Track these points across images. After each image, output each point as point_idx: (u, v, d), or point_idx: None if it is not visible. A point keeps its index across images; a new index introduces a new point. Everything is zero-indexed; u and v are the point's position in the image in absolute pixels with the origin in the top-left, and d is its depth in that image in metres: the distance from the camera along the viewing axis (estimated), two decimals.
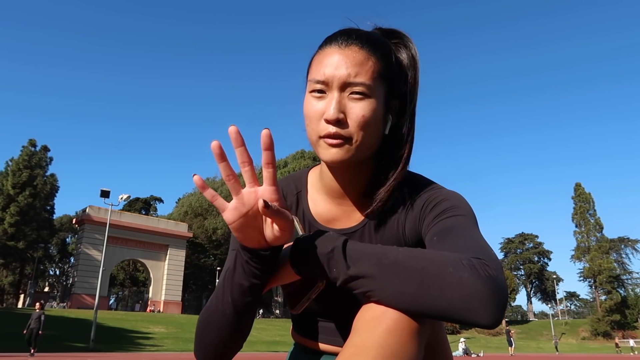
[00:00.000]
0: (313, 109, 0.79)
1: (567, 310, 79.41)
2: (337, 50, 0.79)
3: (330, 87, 0.78)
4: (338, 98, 0.77)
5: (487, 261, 0.63)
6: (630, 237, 62.54)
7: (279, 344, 27.33)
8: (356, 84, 0.77)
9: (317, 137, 0.79)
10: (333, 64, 0.78)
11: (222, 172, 0.67)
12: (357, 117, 0.76)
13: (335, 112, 0.76)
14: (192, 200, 52.55)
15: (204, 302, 55.43)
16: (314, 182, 0.94)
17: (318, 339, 0.94)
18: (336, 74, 0.77)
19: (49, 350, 16.16)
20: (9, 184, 39.73)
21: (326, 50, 0.80)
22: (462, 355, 26.14)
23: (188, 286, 50.11)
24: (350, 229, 0.88)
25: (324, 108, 0.77)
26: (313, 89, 0.79)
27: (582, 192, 60.99)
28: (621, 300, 54.77)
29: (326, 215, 0.90)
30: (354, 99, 0.77)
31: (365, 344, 0.62)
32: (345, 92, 0.77)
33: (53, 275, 59.67)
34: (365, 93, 0.77)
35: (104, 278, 33.55)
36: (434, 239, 0.75)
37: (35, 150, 42.48)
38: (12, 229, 38.90)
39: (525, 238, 72.25)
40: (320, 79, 0.78)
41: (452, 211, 0.79)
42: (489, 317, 0.58)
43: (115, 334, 23.96)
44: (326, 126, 0.77)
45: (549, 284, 67.72)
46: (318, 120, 0.78)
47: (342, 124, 0.76)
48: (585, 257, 59.06)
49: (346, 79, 0.77)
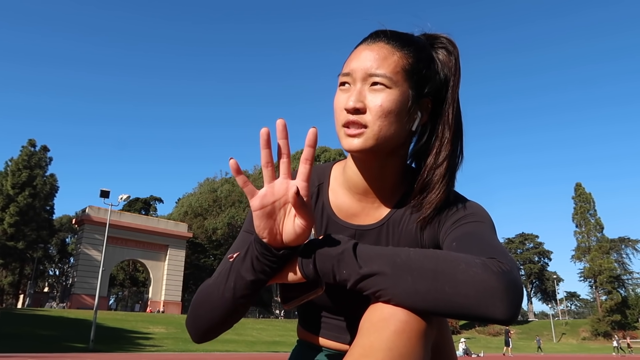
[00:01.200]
0: (337, 101, 0.82)
1: (568, 311, 79.40)
2: (364, 47, 0.83)
3: (354, 79, 0.81)
4: (359, 89, 0.80)
5: (501, 259, 0.64)
6: (630, 237, 62.51)
7: (279, 344, 27.29)
8: (377, 74, 0.79)
9: (339, 127, 0.81)
10: (359, 59, 0.81)
11: (263, 159, 0.68)
12: (375, 106, 0.78)
13: (354, 101, 0.78)
14: (192, 201, 52.50)
15: None
16: (337, 176, 0.93)
17: (324, 336, 0.93)
18: (359, 66, 0.80)
19: (48, 350, 16.12)
20: (9, 184, 39.68)
21: (356, 50, 0.84)
22: (462, 355, 26.11)
23: (188, 286, 50.04)
24: (369, 225, 0.89)
25: (347, 99, 0.80)
26: (340, 82, 0.83)
27: (583, 192, 60.97)
28: (622, 300, 54.74)
29: (346, 210, 0.90)
30: (375, 90, 0.79)
31: (373, 345, 0.62)
32: (366, 83, 0.80)
33: (53, 276, 59.63)
34: (385, 84, 0.79)
35: (103, 278, 33.49)
36: (453, 244, 0.76)
37: (34, 151, 42.43)
38: (11, 229, 38.84)
39: (526, 238, 72.23)
40: (344, 72, 0.82)
41: (471, 217, 0.81)
42: (504, 311, 0.59)
43: (115, 334, 23.93)
44: (346, 115, 0.79)
45: (550, 284, 67.71)
46: (341, 111, 0.81)
47: (361, 112, 0.79)
48: (585, 257, 59.02)
49: (368, 70, 0.80)
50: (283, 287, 0.75)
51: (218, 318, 0.77)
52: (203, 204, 51.39)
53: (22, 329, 22.08)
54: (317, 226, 0.91)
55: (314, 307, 0.94)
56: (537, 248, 71.03)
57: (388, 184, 0.87)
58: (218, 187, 52.28)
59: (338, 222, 0.90)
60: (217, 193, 51.17)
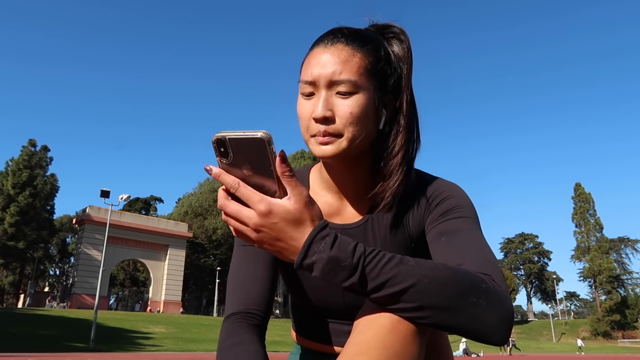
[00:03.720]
0: (303, 110, 0.81)
1: (567, 310, 79.43)
2: (323, 49, 0.80)
3: (318, 87, 0.79)
4: (325, 96, 0.78)
5: (496, 277, 0.67)
6: (630, 237, 62.67)
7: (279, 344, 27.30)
8: (342, 81, 0.77)
9: (308, 136, 0.80)
10: (319, 64, 0.79)
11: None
12: (344, 114, 0.77)
13: (322, 110, 0.77)
14: (192, 200, 52.51)
15: (204, 302, 55.46)
16: (315, 178, 0.95)
17: (320, 340, 0.94)
18: (322, 73, 0.78)
19: (49, 350, 16.15)
20: (9, 184, 39.70)
21: (313, 52, 0.81)
22: (462, 355, 26.14)
23: (188, 286, 50.09)
24: (353, 224, 0.89)
25: (313, 108, 0.79)
26: (303, 91, 0.81)
27: (582, 192, 60.99)
28: (621, 300, 54.79)
29: (327, 210, 0.91)
30: (341, 96, 0.78)
31: (368, 343, 0.62)
32: (332, 90, 0.78)
33: (53, 275, 59.64)
34: (352, 89, 0.77)
35: (104, 278, 33.56)
36: (442, 239, 0.77)
37: (35, 150, 42.45)
38: (12, 229, 38.88)
39: (525, 238, 72.24)
40: (308, 80, 0.79)
41: (458, 211, 0.81)
42: (499, 338, 0.63)
43: (115, 334, 23.94)
44: (316, 125, 0.78)
45: (549, 284, 67.71)
46: (308, 120, 0.79)
47: (330, 121, 0.77)
48: (585, 257, 59.06)
49: (331, 77, 0.77)
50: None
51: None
52: (203, 204, 51.39)
53: (23, 328, 22.08)
54: None
55: (309, 311, 0.94)
56: (536, 248, 71.04)
57: (362, 181, 0.88)
58: (218, 187, 52.01)
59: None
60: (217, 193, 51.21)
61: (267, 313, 0.86)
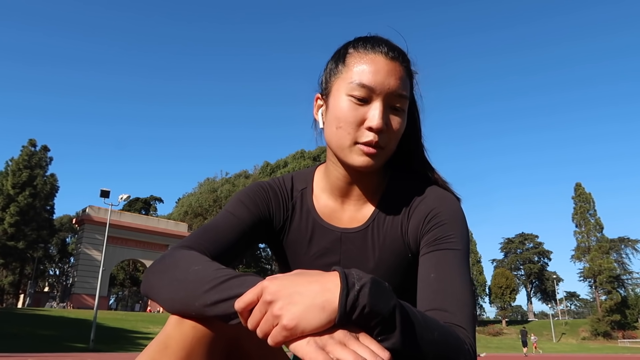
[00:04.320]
0: (353, 114, 0.79)
1: (567, 310, 79.38)
2: (384, 59, 0.80)
3: (376, 95, 0.78)
4: (382, 108, 0.79)
5: (471, 334, 0.70)
6: (630, 237, 62.45)
7: None
8: (401, 97, 0.80)
9: (352, 142, 0.80)
10: (381, 72, 0.78)
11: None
12: (396, 129, 0.81)
13: (383, 122, 0.78)
14: (192, 200, 52.49)
15: None
16: (319, 180, 0.95)
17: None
18: (386, 84, 0.78)
19: (48, 350, 16.14)
20: (9, 184, 39.68)
21: (371, 56, 0.80)
22: None
23: None
24: (354, 229, 0.90)
25: (365, 115, 0.79)
26: (355, 93, 0.79)
27: (583, 192, 60.96)
28: (621, 300, 54.74)
29: (330, 213, 0.92)
30: (396, 111, 0.81)
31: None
32: (388, 102, 0.80)
33: (53, 275, 59.64)
34: (404, 107, 0.82)
35: (103, 278, 33.53)
36: (432, 276, 0.77)
37: (35, 150, 42.43)
38: (12, 229, 38.85)
39: (525, 238, 72.20)
40: (368, 85, 0.78)
41: (450, 242, 0.81)
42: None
43: (115, 334, 23.94)
44: (368, 134, 0.78)
45: (549, 284, 67.68)
46: (357, 126, 0.79)
47: (382, 133, 0.79)
48: (585, 257, 59.02)
49: (394, 91, 0.79)
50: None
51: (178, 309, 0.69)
52: (203, 204, 51.39)
53: (23, 328, 22.07)
54: (302, 230, 0.93)
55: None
56: (537, 248, 71.00)
57: (367, 187, 0.90)
58: (218, 187, 52.26)
59: (324, 226, 0.92)
60: (217, 193, 51.13)
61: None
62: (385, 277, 0.82)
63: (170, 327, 0.68)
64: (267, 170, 51.58)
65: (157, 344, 0.66)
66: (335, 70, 0.84)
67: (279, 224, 0.94)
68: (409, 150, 0.93)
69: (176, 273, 0.69)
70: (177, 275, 0.69)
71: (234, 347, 0.71)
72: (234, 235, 0.85)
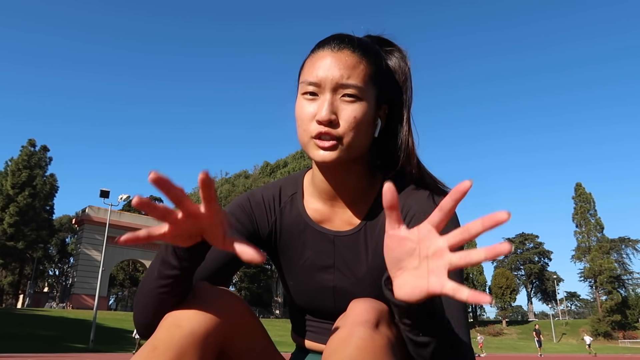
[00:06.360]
0: (305, 111, 0.81)
1: (568, 311, 79.28)
2: (329, 53, 0.81)
3: (323, 89, 0.79)
4: (330, 99, 0.79)
5: (465, 336, 0.76)
6: (630, 237, 62.36)
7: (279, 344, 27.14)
8: (348, 85, 0.79)
9: (308, 138, 0.80)
10: (325, 66, 0.80)
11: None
12: (348, 118, 0.78)
13: (328, 112, 0.77)
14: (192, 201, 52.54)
15: None
16: (308, 185, 0.95)
17: (315, 339, 0.95)
18: (329, 76, 0.79)
19: (48, 350, 16.10)
20: (9, 184, 39.62)
21: (319, 54, 0.82)
22: None
23: None
24: (346, 232, 0.91)
25: (316, 109, 0.79)
26: (305, 91, 0.81)
27: (583, 192, 60.92)
28: (622, 300, 54.71)
29: (320, 217, 0.92)
30: (346, 101, 0.79)
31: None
32: (337, 94, 0.79)
33: (52, 276, 59.54)
34: (357, 95, 0.79)
35: (103, 278, 33.46)
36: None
37: (34, 151, 42.37)
38: (11, 229, 38.78)
39: (526, 238, 72.15)
40: (312, 81, 0.80)
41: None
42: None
43: (114, 335, 23.92)
44: (318, 127, 0.79)
45: (550, 284, 67.64)
46: (310, 122, 0.80)
47: (334, 125, 0.78)
48: (585, 257, 58.99)
49: (339, 80, 0.79)
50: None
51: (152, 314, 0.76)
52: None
53: (22, 329, 22.04)
54: (295, 234, 0.92)
55: (304, 311, 0.96)
56: (537, 248, 70.95)
57: (354, 188, 0.89)
58: (218, 187, 52.28)
59: (316, 229, 0.91)
60: (217, 193, 51.21)
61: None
62: (378, 280, 0.81)
63: (159, 331, 0.71)
64: (267, 171, 51.57)
65: (146, 347, 0.68)
66: (298, 80, 0.87)
67: (266, 230, 0.94)
68: (396, 149, 0.90)
69: (139, 295, 0.79)
70: (139, 295, 0.79)
71: (223, 348, 0.74)
72: (220, 257, 0.87)
